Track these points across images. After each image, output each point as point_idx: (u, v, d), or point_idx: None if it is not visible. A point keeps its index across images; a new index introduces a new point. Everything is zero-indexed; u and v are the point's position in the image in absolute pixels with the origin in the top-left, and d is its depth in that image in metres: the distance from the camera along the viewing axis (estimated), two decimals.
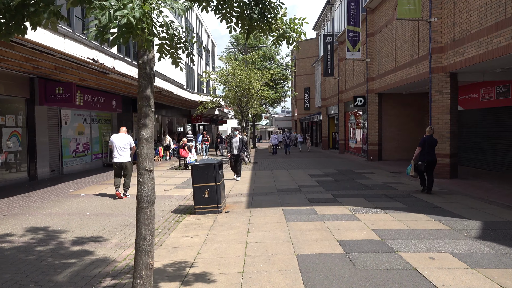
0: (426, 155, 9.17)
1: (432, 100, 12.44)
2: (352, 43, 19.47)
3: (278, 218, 6.86)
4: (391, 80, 16.98)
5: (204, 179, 7.51)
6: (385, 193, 9.44)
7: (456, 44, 11.29)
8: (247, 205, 8.26)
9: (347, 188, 10.28)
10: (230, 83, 18.83)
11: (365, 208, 7.60)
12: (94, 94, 15.55)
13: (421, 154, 9.24)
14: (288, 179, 12.52)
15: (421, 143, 9.35)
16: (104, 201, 9.04)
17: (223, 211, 7.67)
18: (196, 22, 40.37)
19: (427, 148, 9.19)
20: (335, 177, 12.82)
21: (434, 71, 12.30)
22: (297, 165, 17.80)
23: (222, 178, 7.96)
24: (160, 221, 7.10)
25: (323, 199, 8.63)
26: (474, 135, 15.09)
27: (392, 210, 7.32)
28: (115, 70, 11.66)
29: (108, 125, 18.07)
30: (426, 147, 9.21)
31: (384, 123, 19.67)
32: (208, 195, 7.52)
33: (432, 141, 9.36)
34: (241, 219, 6.92)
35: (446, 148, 12.18)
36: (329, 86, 32.71)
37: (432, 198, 8.60)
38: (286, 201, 8.59)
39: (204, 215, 7.44)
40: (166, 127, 29.13)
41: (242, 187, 10.99)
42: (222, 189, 7.85)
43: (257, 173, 14.63)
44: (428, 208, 7.55)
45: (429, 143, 9.25)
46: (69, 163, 14.43)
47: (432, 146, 9.30)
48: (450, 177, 12.09)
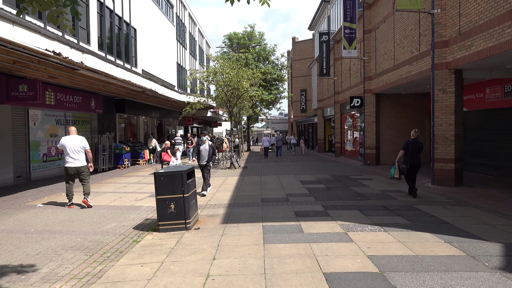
0: (410, 158, 9.13)
1: (435, 99, 11.31)
2: (348, 41, 18.34)
3: (255, 239, 5.68)
4: (390, 79, 15.85)
5: (169, 190, 6.32)
6: (383, 204, 8.27)
7: (462, 37, 10.16)
8: (223, 219, 7.07)
9: (341, 198, 9.10)
10: (218, 81, 17.63)
11: (361, 224, 6.42)
12: (69, 93, 14.36)
13: (405, 157, 9.23)
14: (276, 186, 11.34)
15: (405, 146, 9.27)
16: (61, 213, 7.83)
17: (193, 228, 6.48)
18: (189, 21, 39.25)
19: (411, 151, 9.12)
20: (328, 184, 11.65)
21: (437, 68, 11.17)
22: (289, 170, 16.62)
23: (192, 188, 6.77)
24: (115, 240, 5.91)
25: (312, 212, 7.44)
26: (479, 138, 13.96)
27: (393, 228, 6.15)
28: (84, 65, 10.48)
29: (87, 127, 16.86)
30: (410, 150, 9.14)
31: (382, 125, 18.54)
32: (174, 209, 6.33)
33: (417, 144, 9.19)
34: (210, 240, 5.73)
35: (451, 152, 11.04)
36: (325, 87, 31.61)
37: (438, 211, 7.43)
38: (269, 214, 7.41)
39: (169, 233, 6.25)
40: (155, 129, 27.95)
41: (224, 196, 9.80)
42: (192, 201, 6.67)
43: (244, 179, 13.44)
44: (434, 224, 6.38)
45: (413, 146, 9.15)
46: (39, 168, 13.20)
47: (417, 150, 9.19)
48: (455, 184, 10.94)
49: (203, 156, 10.08)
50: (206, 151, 10.06)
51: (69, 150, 8.43)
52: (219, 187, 11.41)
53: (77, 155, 8.49)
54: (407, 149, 9.21)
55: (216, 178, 13.98)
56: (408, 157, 9.17)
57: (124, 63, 20.72)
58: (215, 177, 14.34)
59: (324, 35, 25.83)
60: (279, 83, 37.79)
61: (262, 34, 37.68)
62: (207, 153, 10.05)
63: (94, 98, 16.50)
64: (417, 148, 9.18)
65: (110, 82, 13.94)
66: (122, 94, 17.75)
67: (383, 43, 16.90)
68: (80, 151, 8.55)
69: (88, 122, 16.96)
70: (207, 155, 10.05)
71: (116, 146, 17.60)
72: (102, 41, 18.44)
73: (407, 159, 9.20)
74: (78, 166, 8.50)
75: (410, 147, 9.17)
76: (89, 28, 16.94)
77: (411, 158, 9.14)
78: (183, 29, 36.63)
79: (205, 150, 10.05)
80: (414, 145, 9.18)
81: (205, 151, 10.07)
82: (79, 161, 8.53)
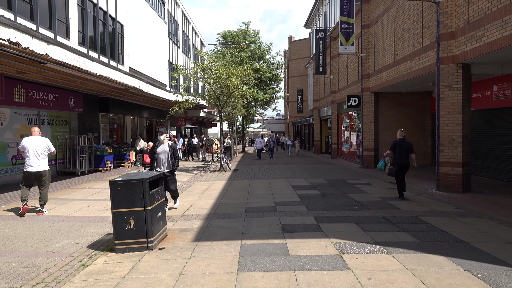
0: (398, 159, 8.91)
1: (440, 97, 10.26)
2: (345, 36, 17.30)
3: (228, 264, 4.59)
4: (389, 76, 14.81)
5: (127, 202, 5.23)
6: (385, 215, 7.20)
7: (471, 27, 9.12)
8: (196, 236, 5.97)
9: (336, 207, 8.03)
10: (207, 79, 16.54)
11: (359, 243, 5.34)
12: (42, 90, 13.24)
13: (393, 158, 9.08)
14: (265, 192, 10.25)
15: (392, 146, 9.10)
16: (9, 227, 6.71)
17: (156, 248, 5.38)
18: (182, 19, 38.13)
19: (399, 151, 8.92)
20: (323, 190, 10.57)
21: (442, 62, 10.13)
22: (281, 173, 15.54)
23: (158, 199, 5.67)
24: (58, 264, 4.81)
25: (301, 226, 6.36)
26: (485, 140, 12.93)
27: (398, 248, 5.07)
28: (49, 58, 9.36)
29: (65, 127, 15.71)
30: (398, 150, 8.93)
31: (381, 126, 17.49)
32: (133, 224, 5.23)
33: (404, 144, 8.96)
34: (173, 265, 4.64)
35: (458, 155, 9.99)
36: (321, 86, 30.59)
37: (449, 225, 6.36)
38: (251, 228, 6.32)
39: (127, 254, 5.16)
40: (144, 130, 26.79)
41: (205, 204, 8.71)
42: (157, 215, 5.57)
43: (232, 183, 12.35)
44: (447, 243, 5.31)
45: (401, 146, 8.92)
46: (7, 172, 12.06)
47: (405, 150, 8.94)
48: (463, 190, 9.89)
49: (162, 162, 7.74)
50: (165, 155, 7.77)
51: (31, 153, 7.59)
52: (202, 193, 10.32)
53: (39, 158, 7.74)
54: (394, 150, 9.01)
55: (201, 182, 12.89)
56: (396, 158, 8.95)
57: (109, 60, 19.58)
58: (201, 181, 13.26)
59: (320, 32, 24.78)
60: (274, 82, 36.75)
61: (257, 32, 36.64)
62: (166, 157, 7.75)
63: (73, 96, 15.37)
64: (405, 148, 8.93)
65: (87, 79, 12.83)
66: (104, 92, 16.63)
67: (382, 38, 15.86)
68: (43, 154, 7.81)
69: (66, 122, 15.82)
70: (166, 160, 7.75)
71: (97, 147, 16.47)
72: (84, 36, 17.30)
73: (395, 160, 9.00)
74: (40, 170, 7.74)
75: (398, 148, 8.94)
76: (68, 22, 15.80)
77: (399, 159, 8.90)
78: (176, 27, 35.51)
79: (164, 153, 7.75)
80: (401, 145, 8.94)
81: (164, 155, 7.76)
82: (41, 165, 7.78)
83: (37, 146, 7.62)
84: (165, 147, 7.84)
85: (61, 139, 15.24)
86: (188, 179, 14.02)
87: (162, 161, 7.78)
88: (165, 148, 7.83)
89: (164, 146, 7.86)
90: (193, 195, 10.18)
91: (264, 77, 34.68)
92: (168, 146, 7.85)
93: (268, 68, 34.85)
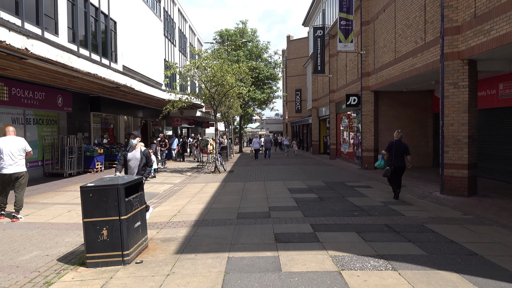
0: (393, 160, 8.84)
1: (444, 95, 9.70)
2: (344, 33, 16.75)
3: (210, 284, 4.01)
4: (390, 74, 14.26)
5: (100, 211, 4.66)
6: (387, 222, 6.63)
7: (479, 21, 8.57)
8: (180, 247, 5.39)
9: (335, 213, 7.46)
10: (200, 77, 15.97)
11: (360, 256, 4.78)
12: (28, 88, 12.65)
13: (389, 160, 9.00)
14: (260, 196, 9.68)
15: (388, 148, 9.01)
16: None
17: (133, 261, 4.81)
18: (178, 17, 37.55)
19: (395, 153, 8.84)
20: (320, 193, 10.01)
21: (447, 58, 9.57)
22: (278, 174, 14.97)
23: (136, 206, 5.09)
24: (20, 282, 4.24)
25: (296, 236, 5.78)
26: (489, 140, 12.39)
27: (404, 263, 4.51)
28: (29, 53, 8.79)
29: (53, 127, 15.11)
30: (394, 152, 8.85)
31: (381, 126, 16.93)
32: (107, 236, 4.66)
33: (400, 146, 8.88)
34: (147, 285, 4.06)
35: (463, 156, 9.43)
36: (319, 85, 30.04)
37: (458, 234, 5.80)
38: (241, 237, 5.75)
39: (99, 269, 4.58)
40: (139, 129, 26.20)
41: (194, 209, 8.13)
42: (135, 224, 5.00)
43: (226, 186, 11.78)
44: (459, 256, 4.74)
45: (397, 148, 8.85)
46: None
47: (401, 151, 8.87)
48: (469, 194, 9.34)
49: (131, 168, 6.81)
50: (135, 162, 6.79)
51: (5, 154, 7.09)
52: (193, 197, 9.74)
53: (15, 159, 7.19)
54: (391, 151, 8.91)
55: (194, 184, 12.32)
56: (392, 159, 8.86)
57: (102, 58, 18.98)
58: (194, 183, 12.68)
59: (318, 29, 24.24)
60: (272, 81, 36.19)
61: (254, 30, 36.07)
62: (137, 163, 6.81)
63: (61, 95, 14.78)
64: (401, 149, 8.85)
65: (75, 76, 12.26)
66: (95, 91, 16.04)
67: (382, 34, 15.31)
68: (19, 154, 7.32)
69: (55, 121, 15.22)
70: (137, 167, 6.81)
71: (87, 147, 15.88)
72: (74, 33, 16.70)
73: (390, 161, 8.91)
74: (16, 172, 7.24)
75: (394, 149, 8.85)
76: (57, 17, 15.20)
77: (395, 161, 8.82)
78: (172, 25, 34.92)
79: (135, 160, 6.77)
80: (397, 146, 8.86)
81: (134, 162, 6.79)
82: (17, 166, 7.28)
83: (12, 147, 7.09)
84: (136, 154, 6.82)
85: (49, 139, 14.65)
86: (181, 181, 13.45)
87: (132, 169, 6.78)
88: (136, 155, 6.81)
89: (136, 152, 6.83)
90: (183, 198, 9.60)
91: (262, 76, 34.10)
92: (140, 153, 6.80)
93: (265, 67, 34.29)
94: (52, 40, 9.98)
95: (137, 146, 6.86)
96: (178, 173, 16.24)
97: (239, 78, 16.07)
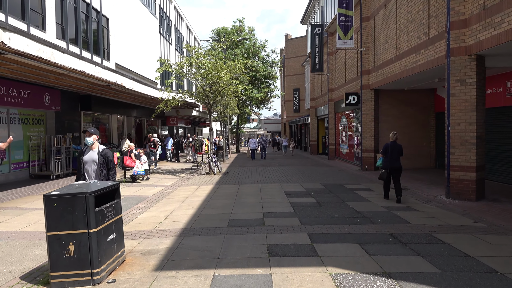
0: (389, 162, 8.78)
1: (451, 93, 9.13)
2: (343, 29, 16.18)
3: None
4: (391, 71, 13.69)
5: (66, 223, 4.06)
6: (392, 231, 6.05)
7: (488, 13, 8.00)
8: (161, 261, 4.79)
9: (335, 220, 6.88)
10: (195, 75, 15.36)
11: (364, 274, 4.19)
12: (11, 85, 12.03)
13: (384, 162, 8.95)
14: (254, 200, 9.09)
15: (383, 150, 8.96)
16: None
17: (105, 281, 4.21)
18: (175, 15, 36.91)
19: (391, 155, 8.78)
20: (319, 197, 9.42)
21: (453, 54, 9.00)
22: (275, 176, 14.38)
23: (111, 216, 4.49)
24: None
25: (292, 248, 5.19)
26: (495, 141, 11.82)
27: (415, 284, 3.92)
28: (7, 47, 8.17)
29: (40, 126, 14.48)
30: (389, 154, 8.79)
31: (382, 126, 16.36)
32: (74, 252, 4.06)
33: (396, 147, 8.82)
34: None
35: (471, 158, 8.86)
36: (318, 84, 29.46)
37: (471, 246, 5.22)
38: (231, 250, 5.16)
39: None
40: (132, 129, 25.55)
41: (183, 215, 7.53)
42: (108, 237, 4.40)
43: (219, 189, 11.18)
44: (477, 275, 4.16)
45: (392, 149, 8.78)
46: None
47: (396, 153, 8.80)
48: (477, 198, 8.77)
49: (89, 174, 5.40)
50: (92, 166, 5.37)
51: None
52: (183, 201, 9.14)
53: None
54: (386, 153, 8.85)
55: (186, 187, 11.72)
56: (387, 161, 8.80)
57: (93, 55, 18.36)
58: (186, 185, 12.09)
59: (317, 27, 23.65)
60: (270, 80, 35.60)
61: (252, 29, 35.45)
62: (95, 167, 5.37)
63: (48, 93, 14.15)
64: (396, 151, 8.79)
65: (61, 73, 11.64)
66: (85, 89, 15.42)
67: (383, 30, 14.73)
68: None
69: (42, 120, 14.58)
70: (95, 171, 5.39)
71: (76, 148, 15.24)
72: (64, 29, 16.07)
73: (386, 163, 8.85)
74: None
75: (390, 151, 8.79)
76: (44, 13, 14.57)
77: (390, 162, 8.76)
78: (168, 23, 34.29)
79: (92, 163, 5.37)
80: (393, 148, 8.79)
81: (91, 166, 5.38)
82: None
83: None
84: (93, 155, 5.37)
85: (36, 140, 14.02)
86: (173, 183, 12.84)
87: (90, 173, 5.39)
88: (93, 156, 5.36)
89: (93, 153, 5.39)
90: (172, 203, 9.00)
91: (259, 75, 33.52)
92: (97, 154, 5.36)
93: (263, 66, 33.70)
94: (33, 34, 9.36)
95: (95, 146, 5.43)
96: (171, 174, 15.64)
97: (234, 76, 15.45)
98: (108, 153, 5.44)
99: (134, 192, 10.72)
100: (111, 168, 5.44)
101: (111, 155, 5.47)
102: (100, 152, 5.41)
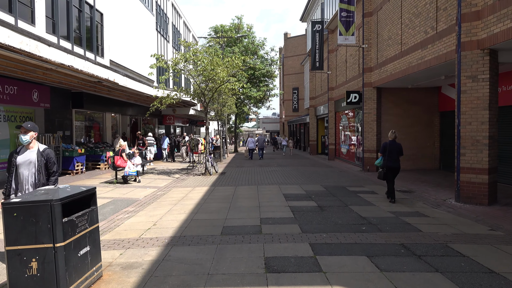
0: (387, 161, 8.68)
1: (461, 90, 8.55)
2: (345, 25, 15.58)
3: None
4: (395, 68, 13.10)
5: (28, 236, 3.46)
6: (404, 241, 5.46)
7: (504, 3, 7.42)
8: (142, 278, 4.20)
9: (338, 227, 6.29)
10: (190, 71, 14.76)
11: None
12: None
13: (382, 161, 8.83)
14: (251, 204, 8.49)
15: (382, 149, 8.83)
16: None
17: None
18: (172, 12, 36.27)
19: (389, 154, 8.68)
20: (320, 200, 8.83)
21: (465, 48, 8.42)
22: (273, 177, 13.78)
23: (85, 227, 3.89)
24: None
25: (293, 262, 4.60)
26: (507, 141, 11.26)
27: None
28: None
29: None
30: (388, 153, 8.68)
31: (384, 125, 15.78)
32: (37, 270, 3.46)
33: (395, 146, 8.68)
34: None
35: (483, 160, 8.28)
36: (317, 83, 28.88)
37: (493, 259, 4.65)
38: (223, 264, 4.56)
39: None
40: (128, 128, 24.92)
41: (173, 220, 6.93)
42: (82, 251, 3.79)
43: (214, 191, 10.58)
44: None
45: (391, 148, 8.66)
46: None
47: (396, 152, 8.67)
48: (489, 202, 8.20)
49: (25, 180, 4.46)
50: (30, 168, 4.45)
51: None
52: (175, 205, 8.54)
53: None
54: (385, 152, 8.75)
55: (179, 189, 11.12)
56: (386, 160, 8.70)
57: (86, 51, 17.73)
58: (180, 187, 11.48)
59: (317, 24, 23.06)
60: (268, 79, 35.02)
61: (250, 26, 34.85)
62: (33, 170, 4.45)
63: (37, 90, 13.52)
64: (395, 150, 8.67)
65: (48, 68, 11.03)
66: (76, 86, 14.78)
67: (387, 26, 14.15)
68: None
69: (30, 118, 13.96)
70: (33, 175, 4.45)
71: (66, 147, 14.63)
72: (54, 23, 15.43)
73: (384, 162, 8.74)
74: None
75: (388, 150, 8.68)
76: (33, 5, 13.93)
77: (388, 161, 8.66)
78: (165, 20, 33.64)
79: (29, 165, 4.44)
80: (392, 147, 8.67)
81: (28, 168, 4.44)
82: None
83: None
84: (30, 155, 4.44)
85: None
86: (166, 184, 12.24)
87: (25, 179, 4.43)
88: (30, 157, 4.44)
89: (30, 153, 4.46)
90: (164, 206, 8.40)
91: (258, 74, 32.94)
92: (36, 154, 4.45)
93: (262, 64, 33.11)
94: (14, 25, 8.74)
95: (33, 145, 4.49)
96: (166, 175, 15.03)
97: (231, 73, 14.84)
98: (51, 153, 4.55)
99: (124, 194, 10.12)
100: (53, 173, 4.55)
101: (54, 157, 4.60)
102: (41, 152, 4.47)
